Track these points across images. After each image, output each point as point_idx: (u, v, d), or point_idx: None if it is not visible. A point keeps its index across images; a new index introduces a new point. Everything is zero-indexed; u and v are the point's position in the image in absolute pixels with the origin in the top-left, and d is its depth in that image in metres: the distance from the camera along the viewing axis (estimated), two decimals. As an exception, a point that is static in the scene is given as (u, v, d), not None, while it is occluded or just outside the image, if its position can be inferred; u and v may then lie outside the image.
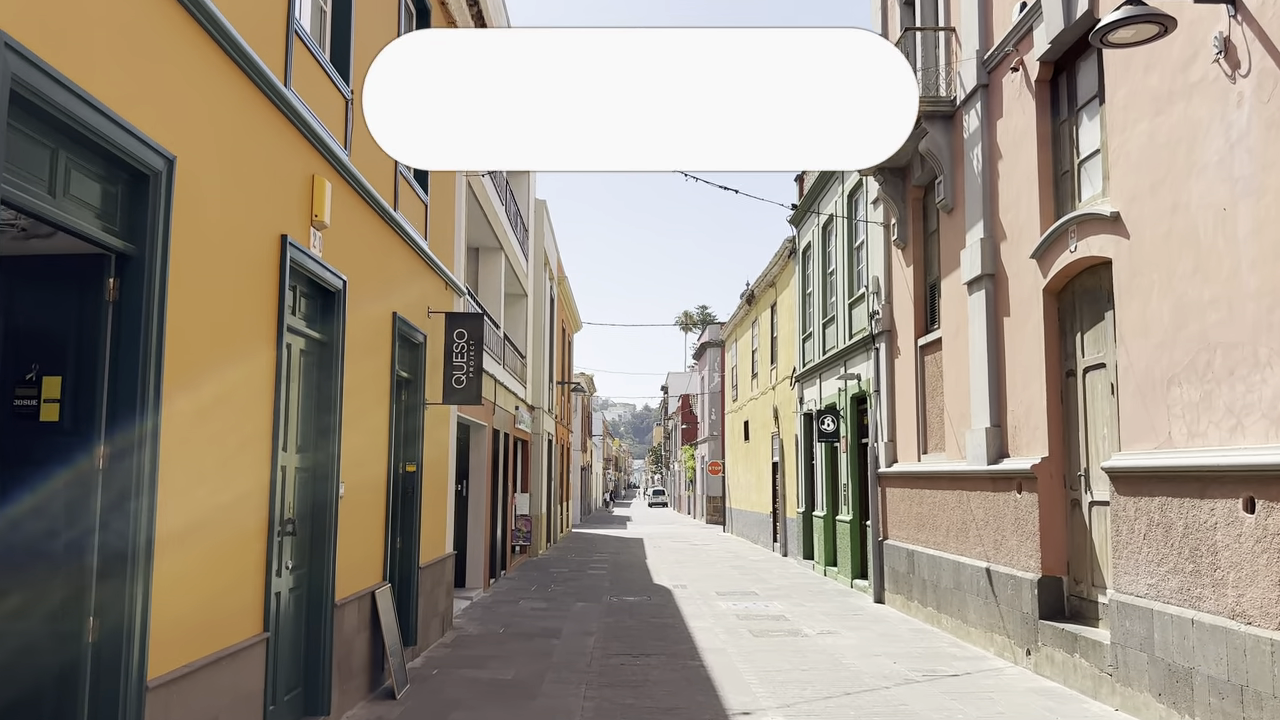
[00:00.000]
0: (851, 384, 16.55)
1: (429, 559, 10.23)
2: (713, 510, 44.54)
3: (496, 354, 16.70)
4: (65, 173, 3.90)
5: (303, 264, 6.32)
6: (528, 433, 22.35)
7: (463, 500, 15.53)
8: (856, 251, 16.84)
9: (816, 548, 19.21)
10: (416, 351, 9.74)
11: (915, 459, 13.28)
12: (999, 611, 10.08)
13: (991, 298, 10.62)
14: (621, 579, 17.97)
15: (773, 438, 25.76)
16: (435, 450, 10.67)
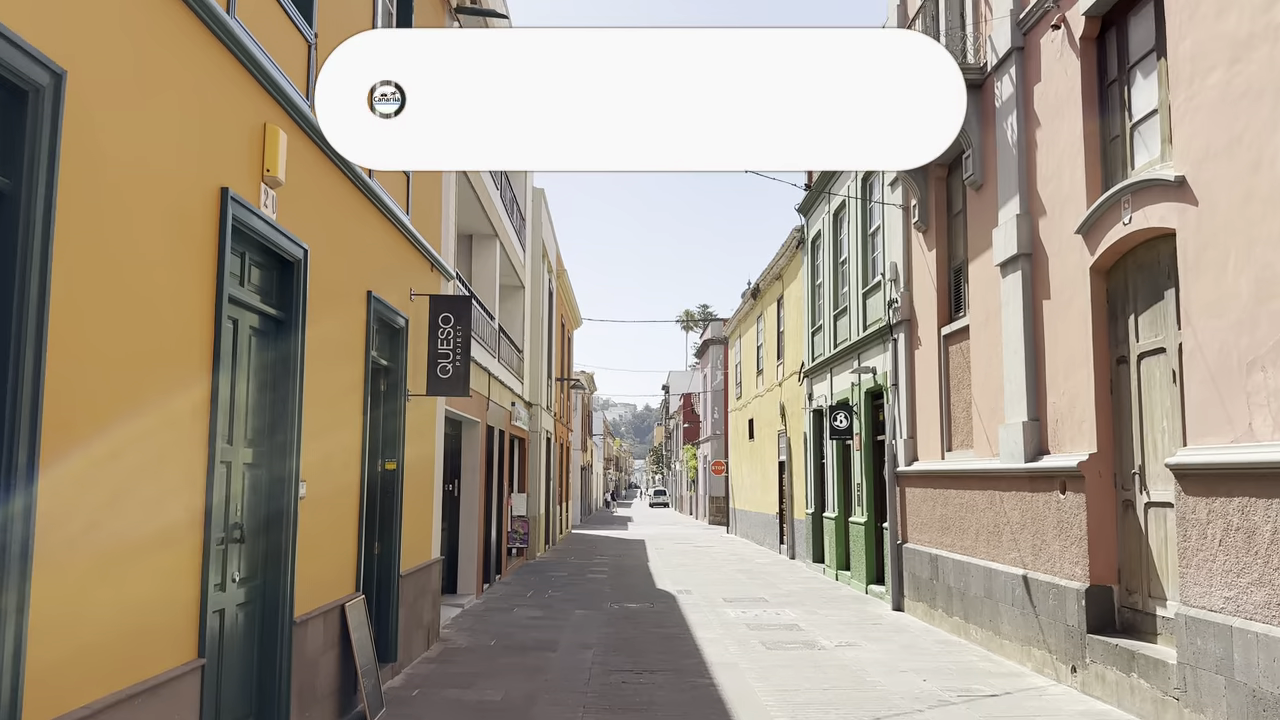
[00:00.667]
0: (866, 378, 15.63)
1: (412, 565, 9.32)
2: (715, 511, 43.62)
3: (490, 347, 15.79)
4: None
5: (251, 225, 5.41)
6: (525, 430, 21.44)
7: (454, 501, 14.62)
8: (871, 237, 15.92)
9: (828, 551, 18.29)
10: (397, 338, 8.82)
11: (938, 457, 12.36)
12: (1038, 624, 9.16)
13: (1029, 279, 9.70)
14: (623, 584, 17.05)
15: (779, 436, 24.83)
16: (420, 447, 9.75)
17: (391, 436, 8.71)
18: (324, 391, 6.65)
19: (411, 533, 9.32)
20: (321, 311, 6.58)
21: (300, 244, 6.11)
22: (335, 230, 6.92)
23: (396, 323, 8.69)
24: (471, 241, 16.73)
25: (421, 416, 9.79)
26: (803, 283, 21.35)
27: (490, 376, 15.68)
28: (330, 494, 6.85)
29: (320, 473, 6.59)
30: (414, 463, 9.42)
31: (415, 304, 9.29)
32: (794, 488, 22.68)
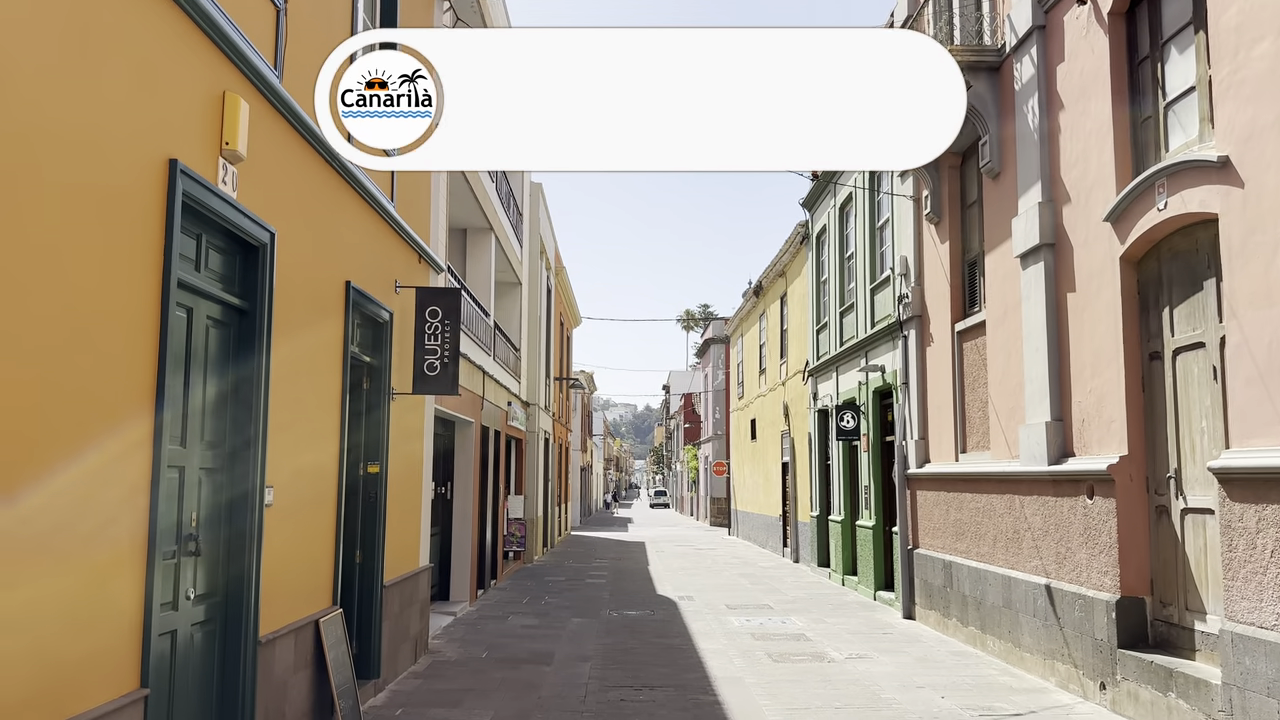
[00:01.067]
0: (874, 376, 15.08)
1: (397, 574, 8.77)
2: (716, 512, 43.08)
3: (485, 344, 15.25)
4: None
5: (207, 204, 4.87)
6: (522, 430, 20.90)
7: (446, 504, 14.08)
8: (880, 231, 15.38)
9: (833, 555, 17.74)
10: (380, 332, 8.28)
11: (952, 459, 11.81)
12: (1062, 636, 8.61)
13: (1051, 271, 9.15)
14: (622, 589, 16.51)
15: (782, 436, 24.29)
16: (406, 448, 9.22)
17: (374, 438, 8.17)
18: (295, 389, 6.11)
19: (397, 540, 8.78)
20: (292, 302, 6.04)
21: (266, 227, 5.58)
22: (308, 214, 6.38)
23: (380, 317, 8.15)
24: (466, 236, 16.20)
25: (409, 416, 9.25)
26: (807, 279, 20.81)
27: (485, 375, 15.14)
28: (303, 500, 6.31)
29: (291, 478, 6.05)
30: (400, 465, 8.88)
31: (401, 297, 8.75)
32: (798, 490, 22.14)
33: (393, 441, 8.52)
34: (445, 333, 8.68)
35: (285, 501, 5.93)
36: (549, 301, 25.26)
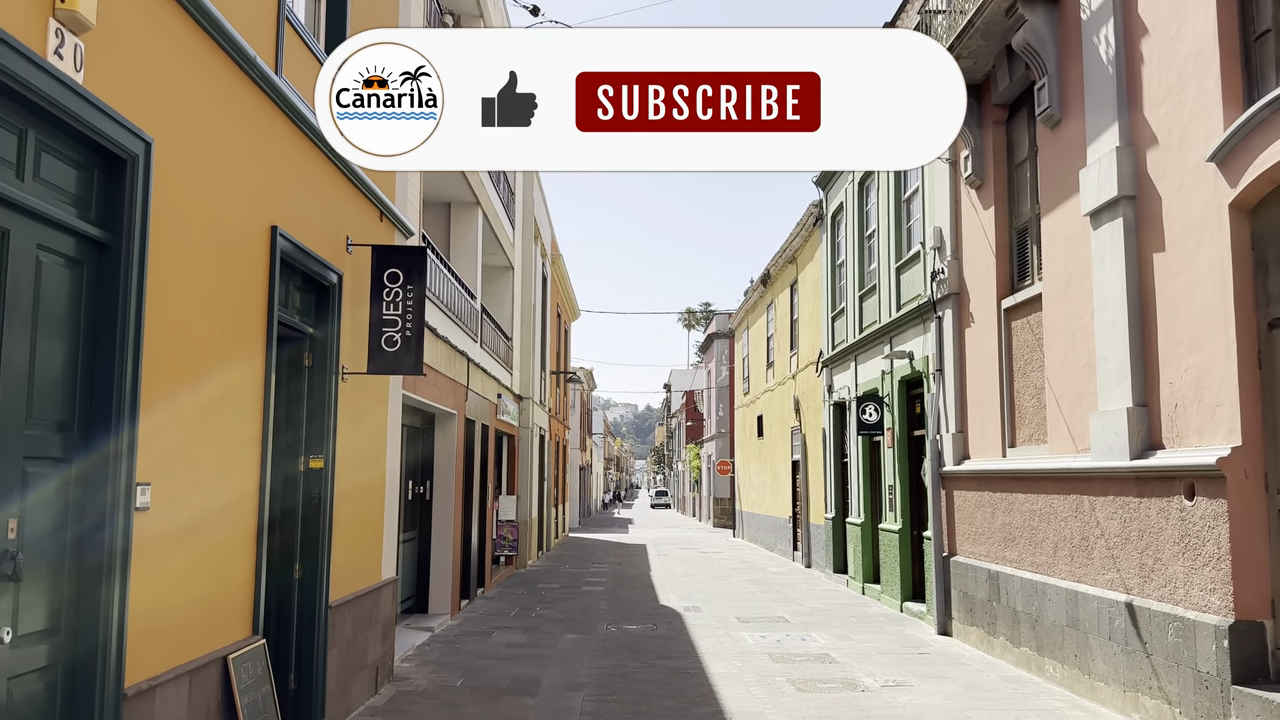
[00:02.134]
0: (900, 364, 13.61)
1: (350, 591, 7.31)
2: (720, 513, 41.61)
3: (470, 328, 13.79)
4: None
5: (30, 83, 3.41)
6: (514, 426, 19.44)
7: (424, 506, 12.61)
8: (907, 204, 13.91)
9: (852, 561, 16.27)
10: (326, 297, 6.81)
11: (998, 454, 10.34)
12: (1150, 666, 7.14)
13: (1132, 228, 7.68)
14: (621, 599, 15.04)
15: (792, 433, 22.82)
16: (364, 440, 7.76)
17: (318, 426, 6.71)
18: (187, 355, 4.64)
19: (350, 549, 7.31)
20: (182, 239, 4.57)
21: (139, 133, 4.11)
22: (212, 130, 4.91)
23: (325, 278, 6.68)
24: (450, 211, 14.73)
25: (366, 402, 7.78)
26: (820, 264, 19.34)
27: (470, 363, 13.68)
28: (203, 502, 4.84)
29: (181, 473, 4.59)
30: (355, 460, 7.42)
31: (355, 259, 7.29)
32: (810, 490, 20.67)
33: (343, 431, 7.05)
34: (408, 301, 7.21)
35: (172, 504, 4.47)
36: (544, 290, 23.80)
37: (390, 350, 7.16)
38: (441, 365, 11.68)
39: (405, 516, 11.77)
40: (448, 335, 11.87)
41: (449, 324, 12.02)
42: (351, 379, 7.21)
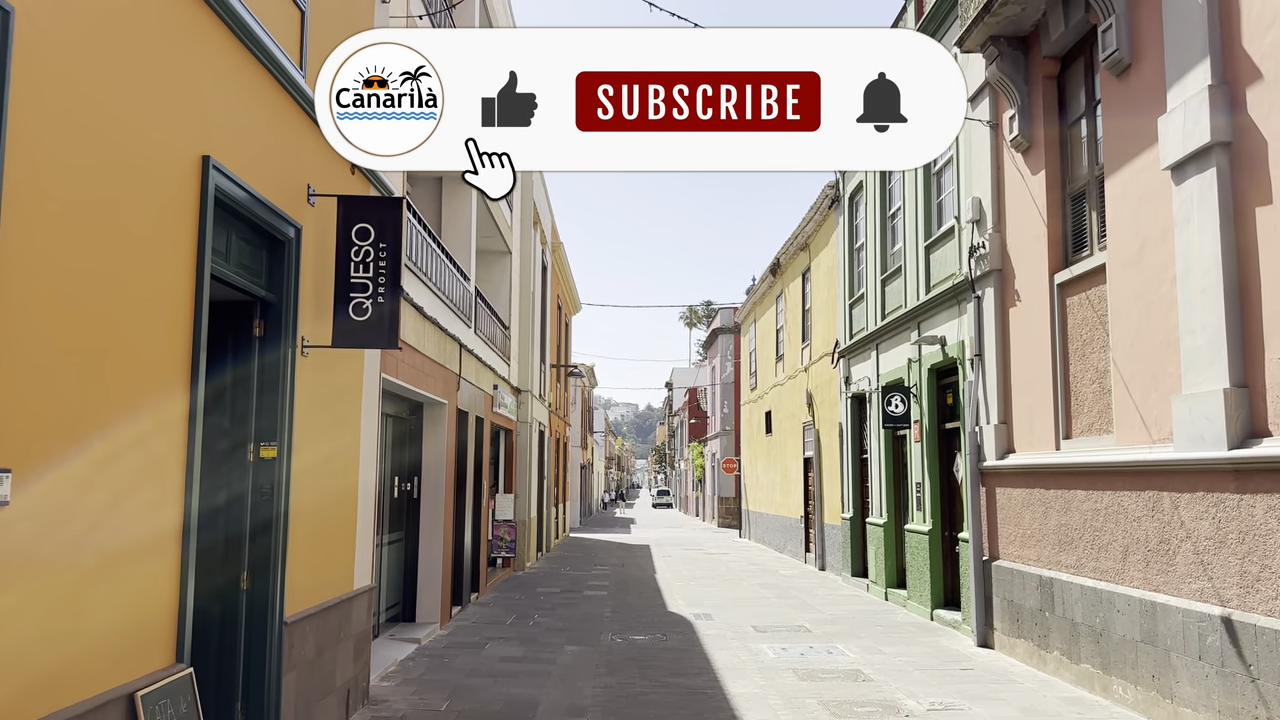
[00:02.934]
0: (930, 351, 12.52)
1: (312, 604, 6.22)
2: (725, 513, 40.51)
3: (463, 312, 12.71)
4: None
5: None
6: (511, 420, 18.34)
7: (411, 504, 11.52)
8: (937, 176, 12.82)
9: (873, 564, 15.16)
10: (281, 255, 5.72)
11: (1050, 446, 9.25)
12: (1256, 692, 6.05)
13: (1227, 179, 6.58)
14: (627, 604, 13.95)
15: (804, 428, 21.73)
16: (331, 428, 6.67)
17: (271, 408, 5.62)
18: (62, 307, 3.55)
19: (313, 554, 6.23)
20: (63, 156, 3.48)
21: (-12, -4, 3.02)
22: (106, 22, 3.82)
23: (280, 231, 5.60)
24: (441, 187, 13.64)
25: (336, 384, 6.70)
26: (836, 249, 18.24)
27: (462, 349, 12.59)
28: (94, 496, 3.75)
29: (58, 459, 3.50)
30: (321, 450, 6.34)
31: (320, 213, 6.20)
32: (824, 488, 19.58)
33: (304, 415, 5.97)
34: (381, 262, 6.12)
35: (44, 500, 3.38)
36: (544, 280, 22.71)
37: (359, 320, 6.06)
38: (429, 349, 10.59)
39: (390, 516, 10.69)
40: (436, 316, 10.78)
41: (438, 304, 10.94)
42: (315, 354, 6.12)
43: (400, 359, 9.25)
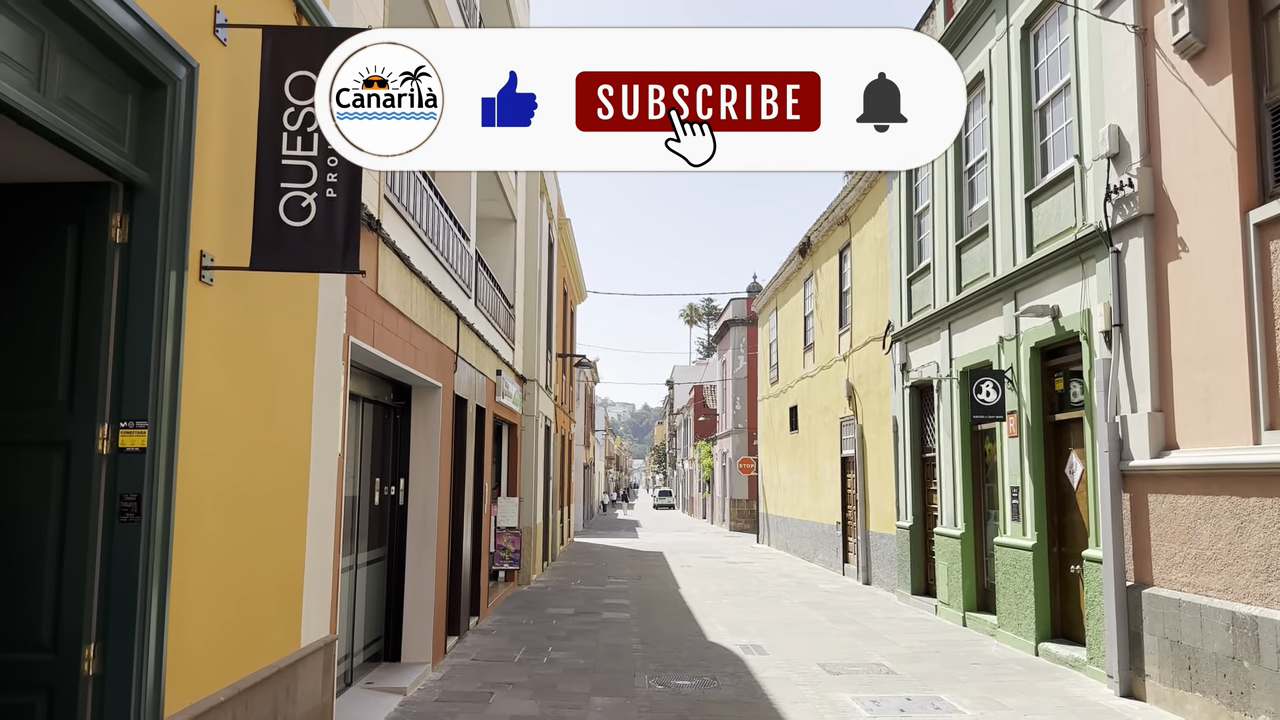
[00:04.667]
0: (1036, 325, 10.23)
1: (223, 684, 3.90)
2: (737, 515, 38.22)
3: (463, 278, 10.41)
4: None
5: None
6: (516, 413, 16.02)
7: (397, 513, 9.19)
8: (1040, 113, 10.53)
9: (944, 582, 12.86)
10: (157, 108, 3.40)
11: (1243, 439, 6.95)
12: None
13: None
14: (656, 632, 11.64)
15: (842, 424, 19.43)
16: (259, 403, 4.35)
17: (138, 366, 3.30)
18: None
19: (224, 604, 3.91)
20: None
21: None
22: None
23: (161, 68, 3.28)
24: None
25: (263, 334, 4.38)
26: (888, 218, 15.94)
27: (461, 321, 10.28)
28: None
29: None
30: (237, 439, 4.02)
31: (233, 51, 3.88)
32: (869, 491, 17.28)
33: (207, 377, 3.65)
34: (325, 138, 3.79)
35: None
36: (550, 257, 20.39)
37: (296, 227, 3.75)
38: (419, 314, 8.29)
39: (368, 529, 8.38)
40: (428, 274, 8.48)
41: (430, 260, 8.64)
42: (227, 284, 3.81)
43: (380, 321, 6.95)
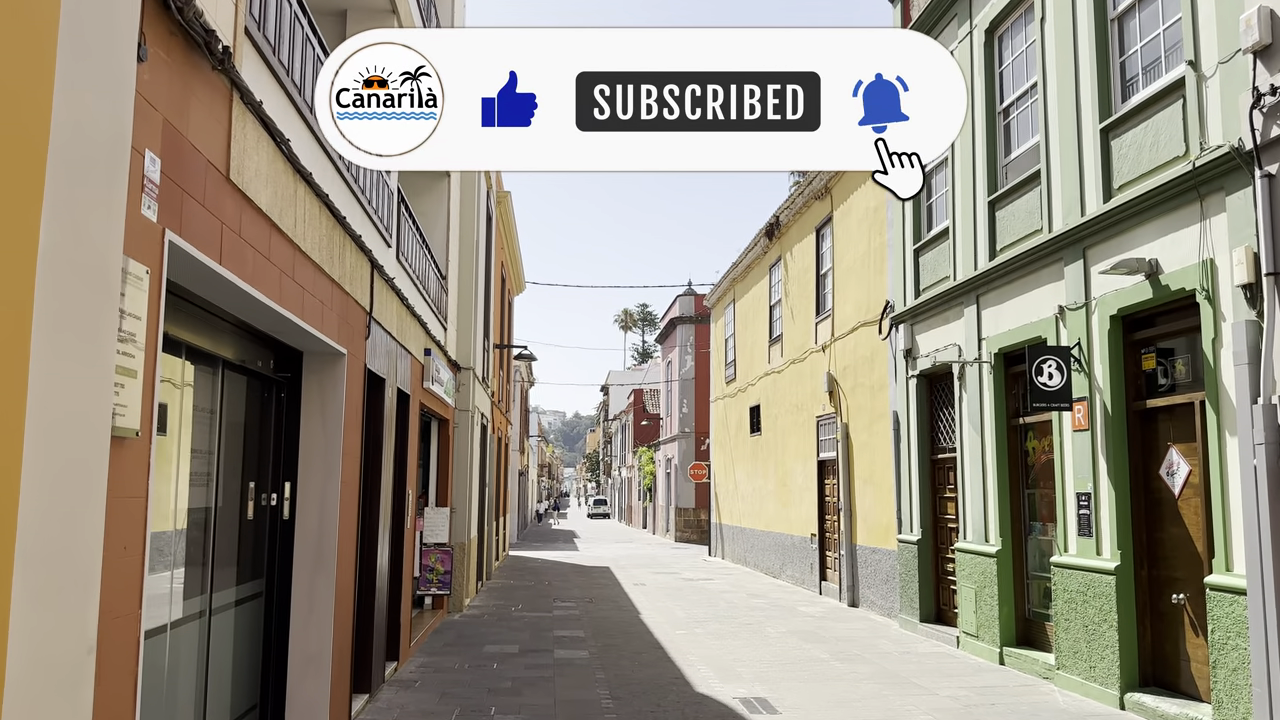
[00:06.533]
0: (1118, 287, 8.07)
1: None
2: (684, 525, 35.87)
3: (375, 209, 7.83)
4: None
5: None
6: (448, 405, 13.37)
7: (281, 529, 6.52)
8: (1117, 23, 8.39)
9: (970, 609, 10.63)
10: None
11: None
12: None
13: None
14: (626, 677, 9.16)
15: (819, 424, 17.22)
16: None
17: None
18: None
19: None
20: None
21: None
22: None
23: None
24: (346, 22, 8.70)
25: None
26: (886, 182, 13.73)
27: (377, 271, 7.69)
28: None
29: None
30: None
31: None
32: (854, 499, 15.07)
33: None
34: None
35: None
36: (489, 232, 17.76)
37: None
38: (312, 243, 5.70)
39: (237, 555, 5.73)
40: (327, 188, 5.90)
41: (328, 167, 6.07)
42: None
43: (237, 229, 4.37)
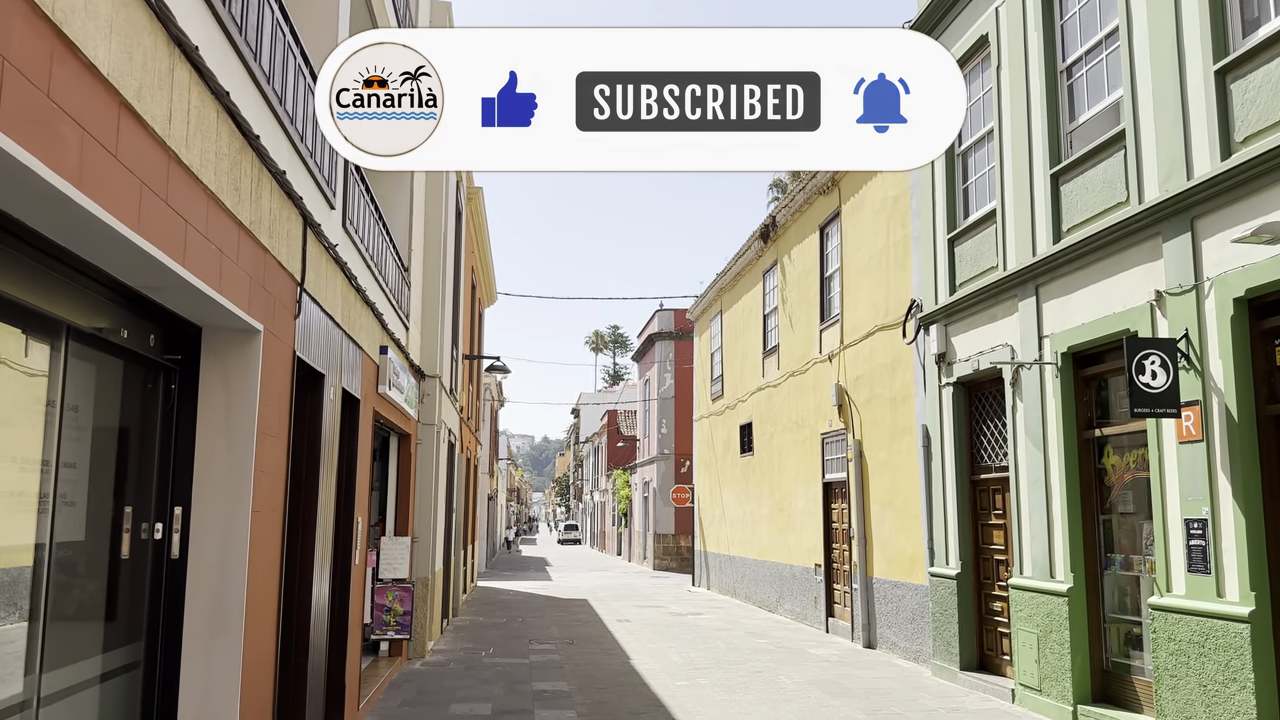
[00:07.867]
0: (1233, 263, 6.50)
1: None
2: (664, 552, 34.00)
3: (320, 167, 6.09)
4: None
5: None
6: (410, 417, 11.51)
7: (168, 571, 4.68)
8: (1240, -60, 6.87)
9: (1035, 658, 8.94)
10: None
11: None
12: None
13: None
14: (628, 752, 7.35)
15: (824, 441, 15.56)
16: None
17: None
18: None
19: None
20: None
21: None
22: None
23: None
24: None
25: None
26: (907, 173, 12.19)
27: (312, 231, 5.93)
28: None
29: None
30: None
31: None
32: (870, 525, 13.38)
33: None
34: None
35: None
36: (458, 227, 16.00)
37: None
38: (195, 153, 3.94)
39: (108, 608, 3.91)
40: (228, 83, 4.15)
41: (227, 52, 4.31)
42: None
43: (45, 84, 2.59)
